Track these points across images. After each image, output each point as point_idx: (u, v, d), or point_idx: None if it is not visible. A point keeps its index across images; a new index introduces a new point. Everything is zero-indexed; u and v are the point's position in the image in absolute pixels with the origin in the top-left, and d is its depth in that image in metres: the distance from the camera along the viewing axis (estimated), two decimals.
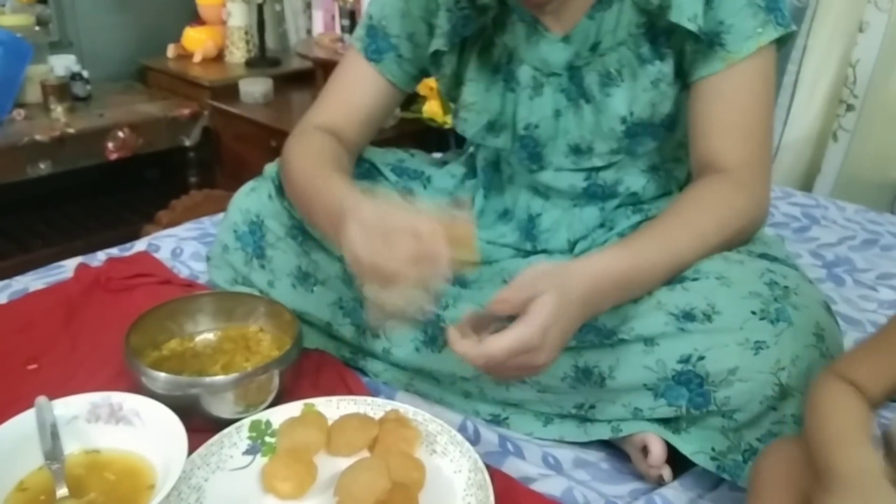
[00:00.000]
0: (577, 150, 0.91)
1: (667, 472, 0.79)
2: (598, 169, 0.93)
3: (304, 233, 0.96)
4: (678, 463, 0.80)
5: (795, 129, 1.80)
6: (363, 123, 0.98)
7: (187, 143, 2.42)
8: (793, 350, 0.73)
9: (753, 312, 0.74)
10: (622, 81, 0.87)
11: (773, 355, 0.72)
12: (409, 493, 0.70)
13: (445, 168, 1.09)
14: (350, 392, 0.89)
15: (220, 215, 1.11)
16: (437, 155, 1.19)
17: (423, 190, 1.04)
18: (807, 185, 1.78)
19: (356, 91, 0.98)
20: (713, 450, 0.77)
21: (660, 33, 0.84)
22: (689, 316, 0.75)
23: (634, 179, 0.93)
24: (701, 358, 0.75)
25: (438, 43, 0.92)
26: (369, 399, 0.84)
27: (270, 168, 1.01)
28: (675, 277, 0.78)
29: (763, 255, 0.82)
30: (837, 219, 1.44)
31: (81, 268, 1.11)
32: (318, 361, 0.95)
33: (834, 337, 0.76)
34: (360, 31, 0.99)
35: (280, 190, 0.97)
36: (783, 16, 0.82)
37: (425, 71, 0.99)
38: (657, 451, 0.78)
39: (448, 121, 1.90)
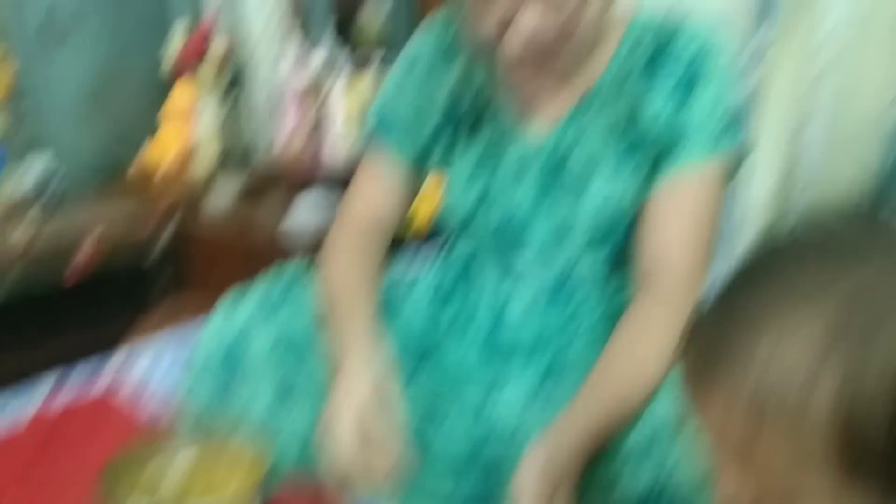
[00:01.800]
0: (554, 239, 0.95)
1: None
2: (574, 259, 0.96)
3: (297, 344, 0.97)
4: None
5: (757, 204, 1.87)
6: (396, 210, 1.04)
7: (156, 246, 2.41)
8: None
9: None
10: (600, 174, 0.91)
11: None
12: None
13: (412, 297, 1.08)
14: None
15: (197, 321, 1.11)
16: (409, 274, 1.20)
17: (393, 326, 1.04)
18: None
19: (376, 183, 1.03)
20: None
21: (638, 134, 0.90)
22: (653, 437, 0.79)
23: (606, 269, 0.96)
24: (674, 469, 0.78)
25: (439, 125, 0.98)
26: None
27: (259, 282, 1.02)
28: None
29: None
30: None
31: (36, 419, 1.08)
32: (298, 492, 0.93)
33: None
34: (368, 115, 1.05)
35: (273, 300, 0.99)
36: (737, 134, 0.88)
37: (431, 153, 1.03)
38: None
39: (406, 233, 1.93)
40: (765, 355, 0.43)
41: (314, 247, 2.06)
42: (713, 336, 0.46)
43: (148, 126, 2.70)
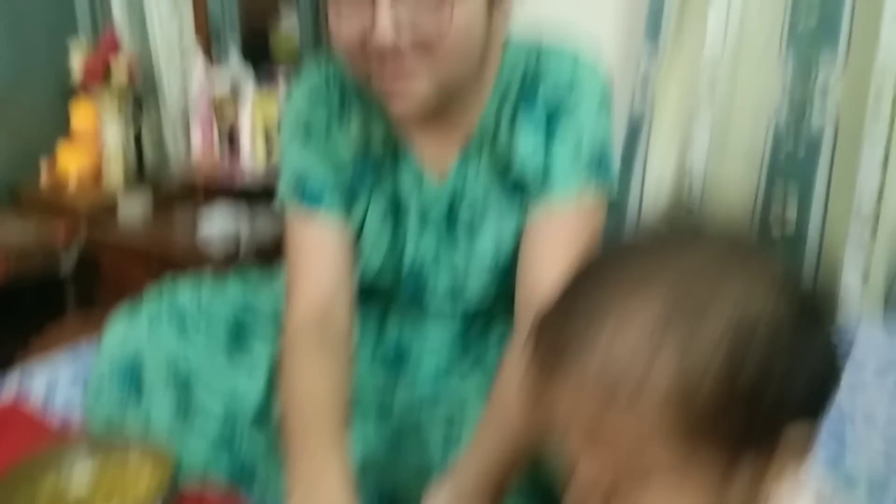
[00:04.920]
0: (454, 292, 0.97)
1: None
2: (472, 314, 0.99)
3: (186, 372, 0.98)
4: None
5: None
6: (343, 281, 0.93)
7: (63, 266, 2.37)
8: None
9: None
10: (487, 226, 0.93)
11: None
12: None
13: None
14: None
15: (99, 340, 1.11)
16: None
17: None
18: None
19: (318, 253, 0.93)
20: None
21: (515, 180, 0.91)
22: None
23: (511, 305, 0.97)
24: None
25: (349, 176, 0.95)
26: None
27: (149, 296, 1.03)
28: None
29: None
30: None
31: None
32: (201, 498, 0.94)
33: None
34: (285, 189, 0.96)
35: (163, 322, 0.99)
36: (606, 171, 0.90)
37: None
38: None
39: None
40: (607, 339, 0.47)
41: (226, 257, 2.10)
42: (559, 329, 0.50)
43: (52, 140, 2.65)
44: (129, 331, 1.01)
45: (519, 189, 0.91)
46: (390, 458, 0.93)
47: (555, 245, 0.87)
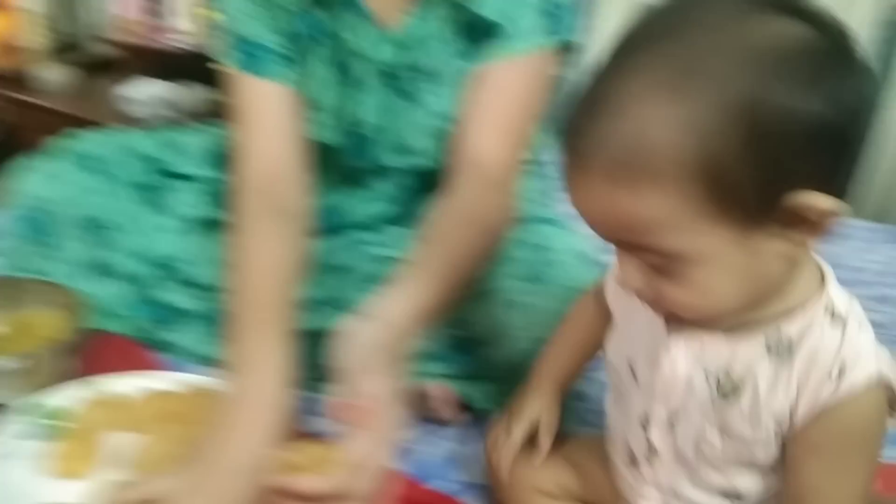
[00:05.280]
0: (402, 148, 0.92)
1: (452, 413, 0.85)
2: (424, 170, 0.93)
3: (100, 226, 0.94)
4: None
5: None
6: (293, 146, 0.86)
7: None
8: (550, 305, 0.80)
9: (515, 276, 0.80)
10: (442, 79, 0.87)
11: (534, 313, 0.80)
12: None
13: None
14: (147, 368, 0.87)
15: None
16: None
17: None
18: None
19: (266, 121, 0.86)
20: (494, 394, 0.84)
21: (472, 28, 0.85)
22: None
23: None
24: (472, 323, 0.81)
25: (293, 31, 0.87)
26: (167, 374, 0.83)
27: (57, 145, 0.97)
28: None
29: (519, 220, 0.86)
30: None
31: None
32: (113, 343, 0.93)
33: (589, 285, 0.84)
34: (223, 48, 0.88)
35: (73, 170, 0.94)
36: (565, 27, 0.85)
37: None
38: (440, 396, 0.84)
39: None
40: (613, 118, 0.46)
41: (152, 118, 2.01)
42: (574, 122, 0.49)
43: None
44: (36, 183, 0.95)
45: (480, 34, 0.85)
46: (323, 300, 0.89)
47: (505, 92, 0.83)
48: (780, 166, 0.45)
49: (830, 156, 0.47)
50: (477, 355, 0.82)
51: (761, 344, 0.53)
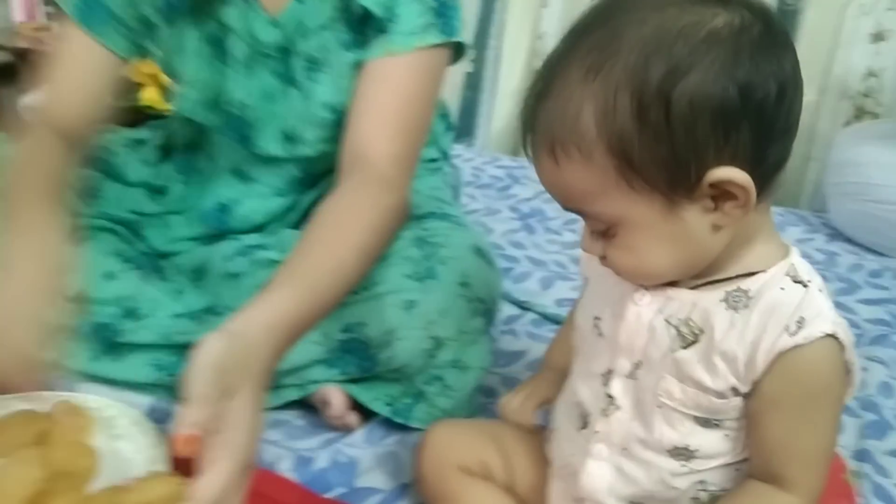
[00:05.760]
0: (287, 137, 0.90)
1: (352, 419, 0.84)
2: (310, 158, 0.91)
3: None
4: (367, 412, 0.85)
5: (505, 99, 1.94)
6: (88, 104, 0.88)
7: None
8: (439, 303, 0.80)
9: (407, 275, 0.80)
10: (327, 68, 0.86)
11: (422, 312, 0.79)
12: (74, 481, 0.68)
13: (138, 155, 1.04)
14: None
15: None
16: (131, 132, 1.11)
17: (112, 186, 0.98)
18: (515, 150, 1.93)
19: (75, 69, 0.87)
20: (388, 396, 0.83)
21: (358, 20, 0.84)
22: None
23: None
24: (362, 325, 0.80)
25: (150, 13, 0.86)
26: (38, 394, 0.79)
27: None
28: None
29: (417, 217, 0.86)
30: (535, 176, 1.58)
31: None
32: None
33: (482, 281, 0.84)
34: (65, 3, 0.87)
35: None
36: (451, 26, 0.84)
37: (145, 41, 0.91)
38: (337, 403, 0.82)
39: (168, 108, 1.82)
40: (551, 102, 0.52)
41: None
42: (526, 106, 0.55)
43: None
44: None
45: (364, 23, 0.83)
46: (214, 310, 0.87)
47: (394, 88, 0.82)
48: (692, 147, 0.48)
49: (752, 134, 0.49)
50: (369, 357, 0.81)
51: (720, 297, 0.55)
